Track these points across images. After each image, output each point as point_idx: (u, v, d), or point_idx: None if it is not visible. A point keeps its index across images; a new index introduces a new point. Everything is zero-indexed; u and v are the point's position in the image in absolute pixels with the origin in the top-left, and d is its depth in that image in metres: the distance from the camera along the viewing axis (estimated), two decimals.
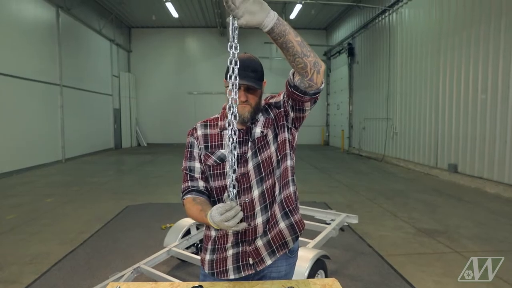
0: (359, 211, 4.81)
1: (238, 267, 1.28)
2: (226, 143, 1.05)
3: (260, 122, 1.30)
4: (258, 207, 1.26)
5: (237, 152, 1.23)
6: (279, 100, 1.32)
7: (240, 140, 1.27)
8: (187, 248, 3.12)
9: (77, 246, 3.65)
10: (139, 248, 3.57)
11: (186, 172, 1.32)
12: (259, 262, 1.28)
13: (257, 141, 1.27)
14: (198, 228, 3.27)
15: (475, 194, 6.10)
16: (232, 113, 1.02)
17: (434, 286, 2.77)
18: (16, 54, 8.60)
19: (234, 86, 1.02)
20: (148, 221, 4.57)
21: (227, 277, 1.28)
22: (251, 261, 1.28)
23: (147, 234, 4.04)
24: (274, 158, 1.28)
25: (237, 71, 1.02)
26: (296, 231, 1.32)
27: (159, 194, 6.20)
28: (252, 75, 1.21)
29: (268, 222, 1.28)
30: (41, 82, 9.66)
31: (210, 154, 1.29)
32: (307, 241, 2.79)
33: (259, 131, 1.28)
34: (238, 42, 1.00)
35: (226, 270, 1.29)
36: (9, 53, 8.32)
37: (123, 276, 2.40)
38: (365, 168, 9.59)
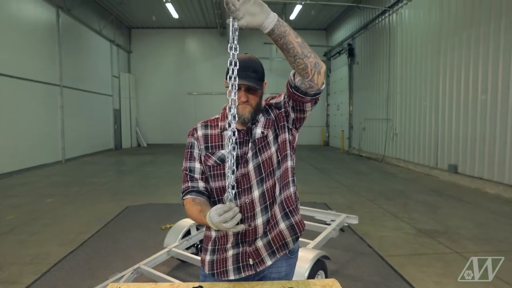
0: (359, 212, 4.82)
1: (238, 267, 1.28)
2: (226, 143, 1.05)
3: (261, 122, 1.30)
4: (258, 208, 1.26)
5: (237, 153, 1.24)
6: (280, 100, 1.32)
7: (240, 140, 1.27)
8: (187, 248, 3.12)
9: (77, 247, 3.65)
10: (139, 249, 3.57)
11: (186, 173, 1.32)
12: (259, 262, 1.28)
13: (257, 141, 1.27)
14: (198, 229, 3.27)
15: (475, 195, 6.10)
16: (231, 114, 1.03)
17: (434, 286, 2.77)
18: (16, 54, 8.61)
19: (234, 87, 1.03)
20: (148, 221, 4.57)
21: (227, 277, 1.28)
22: (251, 261, 1.28)
23: (147, 235, 4.04)
24: (275, 158, 1.28)
25: (236, 72, 1.02)
26: (296, 232, 1.32)
27: (159, 195, 6.20)
28: (253, 75, 1.21)
29: (268, 223, 1.28)
30: (41, 83, 9.67)
31: (210, 155, 1.29)
32: (307, 241, 2.79)
33: (260, 131, 1.28)
34: (238, 43, 1.01)
35: (226, 271, 1.28)
36: (9, 53, 8.33)
37: (123, 276, 2.40)
38: (365, 168, 9.59)
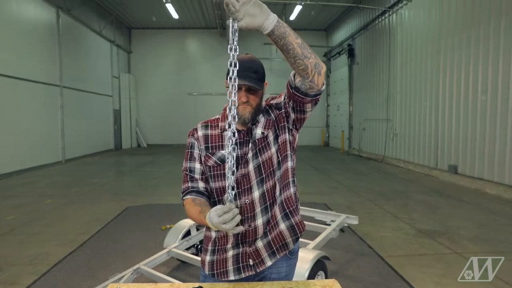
0: (359, 212, 4.82)
1: (238, 268, 1.28)
2: (226, 144, 1.05)
3: (261, 123, 1.30)
4: (258, 208, 1.26)
5: (237, 153, 1.24)
6: (280, 101, 1.32)
7: (241, 141, 1.27)
8: (187, 249, 3.12)
9: (77, 247, 3.65)
10: (139, 249, 3.56)
11: (186, 173, 1.32)
12: (259, 263, 1.28)
13: (257, 142, 1.27)
14: (198, 229, 3.27)
15: (475, 195, 6.10)
16: (231, 115, 1.03)
17: (434, 287, 2.77)
18: (16, 55, 8.60)
19: (234, 87, 1.03)
20: (148, 222, 4.57)
21: (227, 278, 1.28)
22: (251, 262, 1.27)
23: (147, 235, 4.04)
24: (275, 159, 1.28)
25: (236, 73, 1.02)
26: (296, 233, 1.32)
27: (159, 195, 6.20)
28: (253, 75, 1.21)
29: (268, 223, 1.28)
30: (41, 83, 9.67)
31: (210, 155, 1.29)
32: (307, 242, 2.79)
33: (260, 132, 1.28)
34: (238, 43, 1.01)
35: (226, 271, 1.28)
36: (9, 53, 8.33)
37: (123, 277, 2.40)
38: (365, 169, 9.59)
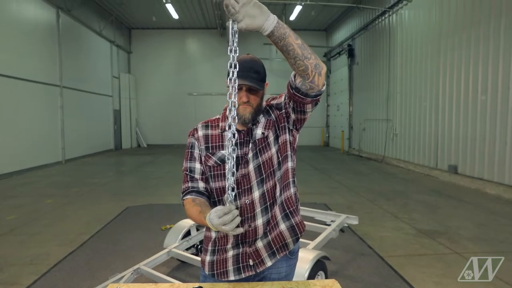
0: (359, 212, 4.81)
1: (238, 268, 1.28)
2: (226, 144, 1.05)
3: (261, 123, 1.30)
4: (258, 209, 1.26)
5: (237, 154, 1.24)
6: (280, 101, 1.32)
7: (241, 141, 1.27)
8: (187, 249, 3.12)
9: (77, 247, 3.65)
10: (139, 249, 3.56)
11: (186, 173, 1.32)
12: (259, 263, 1.28)
13: (258, 142, 1.27)
14: (198, 229, 3.27)
15: (475, 195, 6.10)
16: (231, 116, 1.03)
17: (435, 287, 2.77)
18: (16, 55, 8.61)
19: (234, 89, 1.03)
20: (148, 222, 4.57)
21: (227, 278, 1.28)
22: (251, 262, 1.27)
23: (147, 235, 4.04)
24: (275, 159, 1.28)
25: (236, 74, 1.02)
26: (296, 233, 1.32)
27: (159, 195, 6.20)
28: (254, 76, 1.21)
29: (268, 224, 1.28)
30: (41, 83, 9.67)
31: (210, 155, 1.29)
32: (307, 242, 2.79)
33: (260, 132, 1.28)
34: (238, 43, 1.01)
35: (226, 271, 1.28)
36: (9, 54, 8.33)
37: (123, 277, 2.40)
38: (365, 169, 9.59)
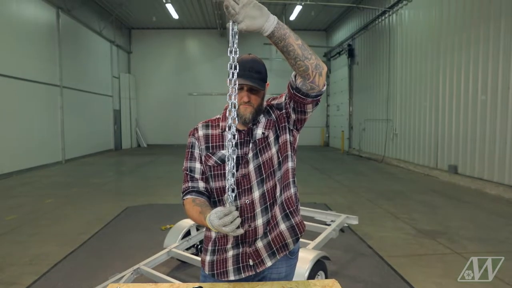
0: (359, 212, 4.81)
1: (238, 268, 1.28)
2: (226, 145, 1.05)
3: (262, 123, 1.30)
4: (258, 209, 1.26)
5: (238, 153, 1.24)
6: (281, 101, 1.32)
7: (241, 141, 1.27)
8: (187, 249, 3.12)
9: (77, 247, 3.65)
10: (139, 249, 3.56)
11: (186, 173, 1.32)
12: (259, 263, 1.28)
13: (258, 142, 1.27)
14: (198, 229, 3.27)
15: (476, 195, 6.10)
16: (232, 117, 1.03)
17: (435, 287, 2.77)
18: (16, 55, 8.60)
19: (234, 90, 1.03)
20: (148, 222, 4.57)
21: (227, 278, 1.28)
22: (251, 262, 1.27)
23: (147, 235, 4.04)
24: (275, 159, 1.28)
25: (236, 75, 1.02)
26: (296, 233, 1.32)
27: (159, 195, 6.20)
28: (255, 76, 1.21)
29: (268, 224, 1.28)
30: (41, 83, 9.66)
31: (211, 155, 1.29)
32: (307, 242, 2.79)
33: (261, 132, 1.28)
34: (238, 43, 1.01)
35: (226, 271, 1.28)
36: (9, 54, 8.33)
37: (123, 277, 2.40)
38: (365, 169, 9.59)
